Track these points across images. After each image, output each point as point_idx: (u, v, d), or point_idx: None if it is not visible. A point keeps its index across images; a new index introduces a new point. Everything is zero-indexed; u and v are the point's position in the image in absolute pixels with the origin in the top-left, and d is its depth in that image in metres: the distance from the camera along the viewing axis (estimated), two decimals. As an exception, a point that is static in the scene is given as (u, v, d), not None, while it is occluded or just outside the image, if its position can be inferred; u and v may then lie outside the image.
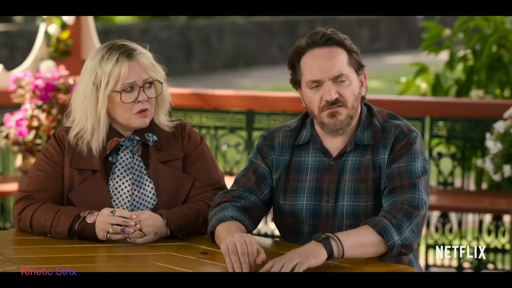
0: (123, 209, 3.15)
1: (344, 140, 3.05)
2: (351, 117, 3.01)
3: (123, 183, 3.23)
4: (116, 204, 3.21)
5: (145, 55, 3.23)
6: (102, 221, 3.04)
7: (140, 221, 3.02)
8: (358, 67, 3.03)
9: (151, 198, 3.22)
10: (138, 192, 3.23)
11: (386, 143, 3.01)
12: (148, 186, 3.23)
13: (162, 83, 3.25)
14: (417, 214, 2.88)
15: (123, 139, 3.26)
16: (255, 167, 3.13)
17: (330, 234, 2.78)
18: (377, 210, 2.97)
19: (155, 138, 3.28)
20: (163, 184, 3.23)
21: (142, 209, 3.20)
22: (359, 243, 2.80)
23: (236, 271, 2.70)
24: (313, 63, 2.98)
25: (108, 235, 3.03)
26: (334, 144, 3.06)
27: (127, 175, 3.24)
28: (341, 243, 2.75)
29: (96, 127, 3.20)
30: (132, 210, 3.21)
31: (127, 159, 3.25)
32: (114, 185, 3.23)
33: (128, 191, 3.22)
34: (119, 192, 3.22)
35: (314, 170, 3.06)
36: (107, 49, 3.21)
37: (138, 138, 3.27)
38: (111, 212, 3.03)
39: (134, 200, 3.23)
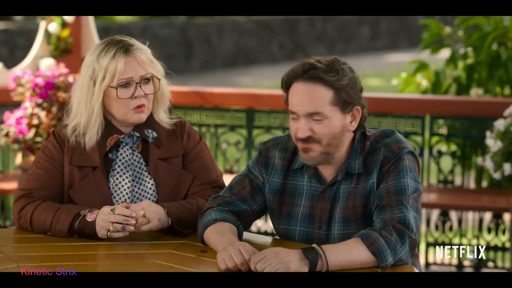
0: (124, 206, 3.16)
1: (336, 168, 2.98)
2: (328, 153, 2.92)
3: (123, 180, 3.23)
4: (117, 201, 3.21)
5: (143, 51, 3.22)
6: (103, 219, 3.03)
7: (142, 208, 3.03)
8: (346, 105, 2.89)
9: (151, 194, 3.23)
10: (138, 188, 3.23)
11: (375, 167, 2.93)
12: (148, 182, 3.23)
13: (160, 79, 3.25)
14: (408, 234, 2.80)
15: (122, 135, 3.26)
16: (251, 177, 3.10)
17: (320, 251, 2.72)
18: None
19: (154, 134, 3.28)
20: (163, 181, 3.23)
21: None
22: (348, 262, 2.74)
23: None
24: (294, 96, 2.89)
25: (108, 233, 3.03)
26: (327, 171, 2.99)
27: (127, 171, 3.24)
28: (327, 263, 2.71)
29: (90, 121, 3.20)
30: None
31: (127, 155, 3.25)
32: (114, 181, 3.23)
33: (128, 187, 3.23)
34: (119, 188, 3.22)
35: (309, 197, 3.01)
36: (105, 44, 3.21)
37: (138, 135, 3.27)
38: (111, 210, 3.04)
39: (134, 196, 3.23)
